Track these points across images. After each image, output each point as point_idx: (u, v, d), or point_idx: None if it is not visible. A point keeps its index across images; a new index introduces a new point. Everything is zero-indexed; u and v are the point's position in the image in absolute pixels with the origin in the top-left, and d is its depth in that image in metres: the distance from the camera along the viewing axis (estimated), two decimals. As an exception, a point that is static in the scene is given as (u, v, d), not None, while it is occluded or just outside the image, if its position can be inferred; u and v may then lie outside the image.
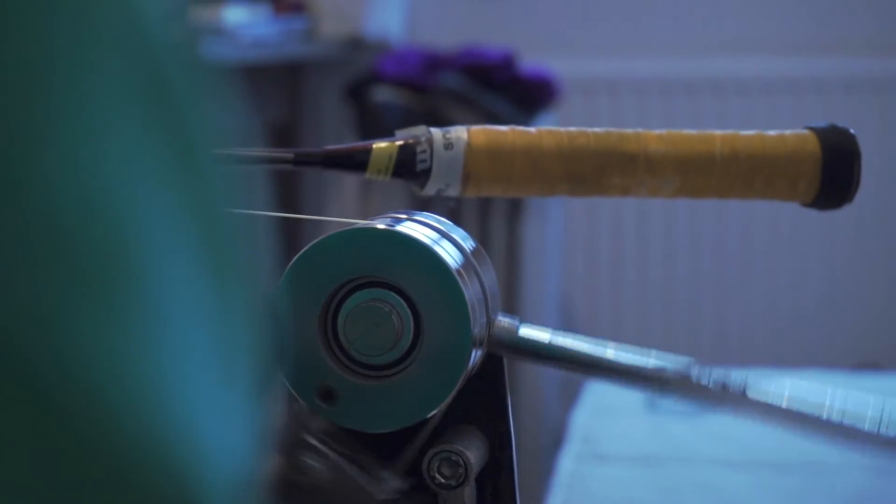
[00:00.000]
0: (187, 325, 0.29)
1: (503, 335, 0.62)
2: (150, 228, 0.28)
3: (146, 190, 0.28)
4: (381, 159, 0.67)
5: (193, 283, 0.29)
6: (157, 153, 0.29)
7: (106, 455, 0.27)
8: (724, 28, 2.85)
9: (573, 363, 0.63)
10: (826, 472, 1.67)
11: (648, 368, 0.63)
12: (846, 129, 0.70)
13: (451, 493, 0.60)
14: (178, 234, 0.29)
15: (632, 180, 0.69)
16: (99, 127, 0.27)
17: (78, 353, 0.27)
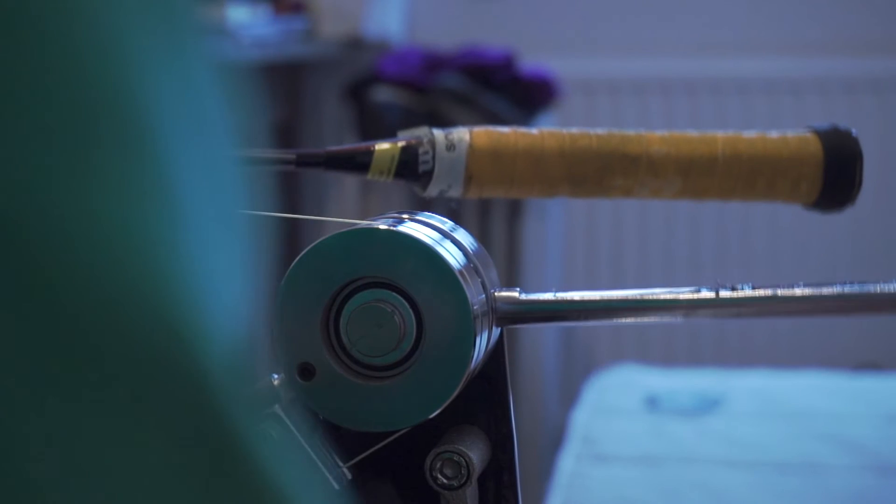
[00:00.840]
0: (188, 181, 0.29)
1: (507, 305, 0.62)
2: (154, 83, 0.29)
3: (153, 57, 0.29)
4: (383, 160, 0.67)
5: (195, 142, 0.30)
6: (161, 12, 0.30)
7: (106, 303, 0.28)
8: (724, 28, 2.85)
9: (584, 313, 0.63)
10: (826, 473, 1.67)
11: (660, 297, 0.62)
12: (848, 131, 0.70)
13: (454, 494, 0.60)
14: (182, 93, 0.30)
15: (634, 181, 0.69)
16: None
17: (79, 206, 0.27)
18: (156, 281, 0.28)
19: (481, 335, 0.59)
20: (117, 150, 0.28)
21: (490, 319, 0.61)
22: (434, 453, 0.60)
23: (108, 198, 0.28)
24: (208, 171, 0.30)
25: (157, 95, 0.29)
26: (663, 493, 1.64)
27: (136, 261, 0.28)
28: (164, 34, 0.30)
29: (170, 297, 0.28)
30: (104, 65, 0.28)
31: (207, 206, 0.30)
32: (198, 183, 0.30)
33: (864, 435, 1.78)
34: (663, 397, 1.93)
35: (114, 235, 0.28)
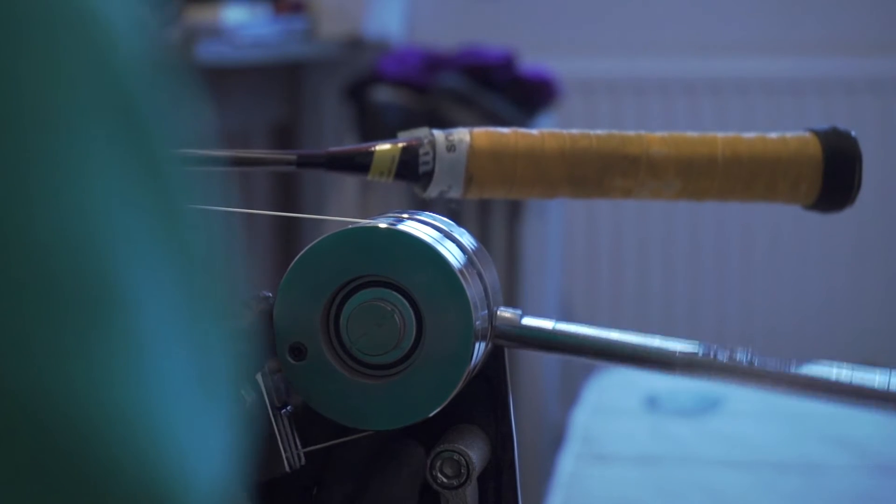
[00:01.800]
0: (165, 347, 0.29)
1: (506, 326, 0.62)
2: (125, 256, 0.28)
3: (120, 219, 0.29)
4: (383, 161, 0.67)
5: (169, 306, 0.29)
6: (127, 176, 0.29)
7: (89, 477, 0.27)
8: (724, 28, 2.85)
9: (578, 349, 0.63)
10: (826, 473, 1.67)
11: (656, 349, 0.62)
12: (847, 132, 0.70)
13: (454, 493, 0.60)
14: (153, 260, 0.29)
15: (634, 182, 0.69)
16: (71, 157, 0.28)
17: (58, 379, 0.27)
18: (137, 452, 0.28)
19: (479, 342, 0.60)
20: (86, 318, 0.28)
21: (489, 334, 0.61)
22: (434, 453, 0.60)
23: (81, 370, 0.27)
24: (192, 332, 0.30)
25: (139, 253, 0.29)
26: (663, 493, 1.64)
27: (117, 432, 0.28)
28: (145, 188, 0.29)
29: (152, 469, 0.28)
30: (78, 224, 0.28)
31: (184, 368, 0.30)
32: (181, 345, 0.30)
33: (864, 435, 1.78)
34: (663, 397, 1.93)
35: (91, 407, 0.27)
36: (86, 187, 0.28)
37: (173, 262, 0.30)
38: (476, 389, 0.63)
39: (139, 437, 0.28)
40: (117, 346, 0.28)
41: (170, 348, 0.29)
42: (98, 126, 0.28)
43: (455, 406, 0.60)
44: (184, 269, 0.30)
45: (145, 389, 0.28)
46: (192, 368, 0.30)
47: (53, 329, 0.27)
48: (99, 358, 0.27)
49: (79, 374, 0.27)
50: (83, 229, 0.28)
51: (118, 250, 0.28)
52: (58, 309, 0.27)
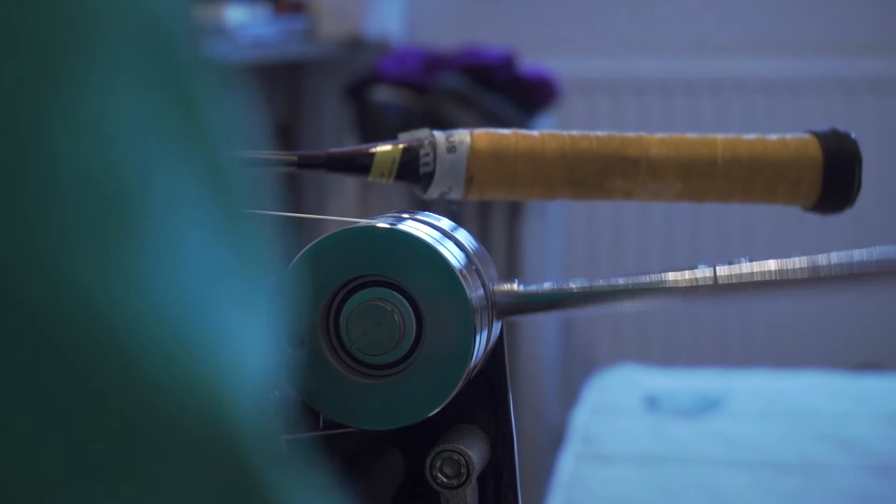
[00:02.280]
0: (197, 244, 0.29)
1: (506, 297, 0.62)
2: (153, 160, 0.29)
3: (151, 134, 0.29)
4: (384, 162, 0.67)
5: (200, 206, 0.30)
6: (160, 103, 0.29)
7: (129, 384, 0.27)
8: (725, 28, 2.85)
9: (582, 299, 0.63)
10: (826, 473, 1.67)
11: (657, 280, 0.62)
12: (847, 134, 0.70)
13: (454, 493, 0.60)
14: (181, 162, 0.30)
15: (634, 184, 0.69)
16: (106, 83, 0.28)
17: (88, 288, 0.27)
18: (180, 345, 0.28)
19: (481, 333, 0.59)
20: (130, 223, 0.28)
21: (490, 313, 0.61)
22: (434, 452, 0.60)
23: (122, 265, 0.28)
24: (225, 235, 0.30)
25: (169, 164, 0.29)
26: (663, 493, 1.64)
27: (159, 325, 0.28)
28: (172, 102, 0.30)
29: (195, 360, 0.28)
30: (110, 140, 0.28)
31: (226, 269, 0.30)
32: (215, 247, 0.30)
33: (864, 435, 1.78)
34: (663, 397, 1.93)
35: (132, 300, 0.28)
36: (118, 110, 0.28)
37: (203, 164, 0.30)
38: (476, 389, 0.63)
39: (175, 335, 0.28)
40: (147, 245, 0.28)
41: (201, 241, 0.30)
42: (133, 56, 0.29)
43: (455, 406, 0.60)
44: (214, 170, 0.30)
45: (178, 284, 0.28)
46: (227, 261, 0.30)
47: (89, 237, 0.27)
48: (128, 256, 0.28)
49: (106, 276, 0.27)
50: (115, 142, 0.28)
51: (146, 153, 0.29)
52: (90, 216, 0.27)
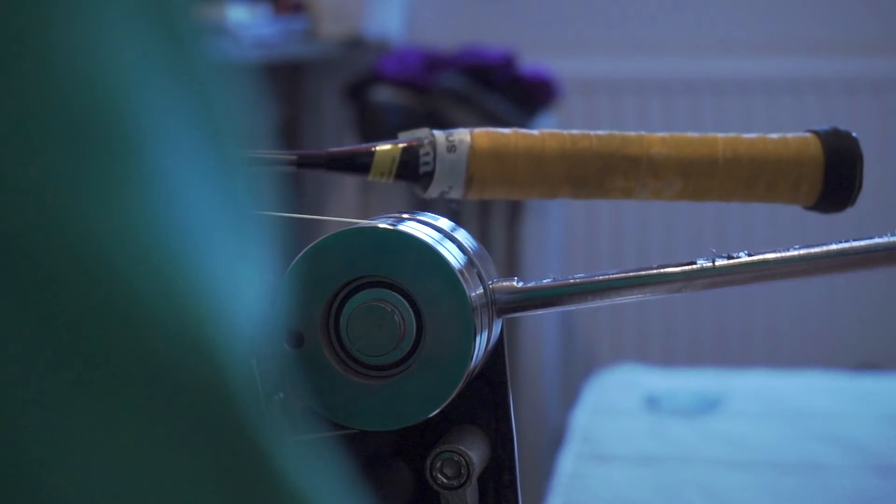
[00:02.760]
0: (190, 182, 0.29)
1: (506, 294, 0.62)
2: (147, 94, 0.29)
3: (146, 66, 0.29)
4: (384, 162, 0.67)
5: (202, 142, 0.30)
6: (155, 39, 0.29)
7: (119, 318, 0.27)
8: (725, 28, 2.85)
9: (582, 294, 0.63)
10: (826, 473, 1.67)
11: (656, 271, 0.62)
12: (848, 133, 0.70)
13: (454, 494, 0.60)
14: (175, 98, 0.30)
15: (634, 183, 0.69)
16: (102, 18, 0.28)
17: (82, 219, 0.27)
18: (172, 288, 0.28)
19: (481, 334, 0.59)
20: (122, 158, 0.28)
21: (490, 312, 0.61)
22: (434, 453, 0.60)
23: (115, 205, 0.28)
24: (218, 173, 0.30)
25: (161, 99, 0.29)
26: (663, 493, 1.64)
27: (151, 268, 0.28)
28: (163, 36, 0.30)
29: (187, 303, 0.28)
30: (103, 74, 0.28)
31: (219, 208, 0.30)
32: (207, 185, 0.30)
33: (864, 435, 1.78)
34: (663, 397, 1.93)
35: (125, 243, 0.28)
36: (112, 36, 0.28)
37: (196, 102, 0.30)
38: (476, 390, 0.63)
39: (168, 272, 0.28)
40: (141, 180, 0.28)
41: (194, 179, 0.30)
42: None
43: (455, 406, 0.60)
44: (207, 112, 0.30)
45: (171, 221, 0.28)
46: (219, 201, 0.30)
47: (82, 169, 0.27)
48: (121, 191, 0.28)
49: (108, 205, 0.28)
50: (109, 71, 0.28)
51: (150, 80, 0.29)
52: (78, 143, 0.27)
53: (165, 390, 0.28)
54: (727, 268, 0.62)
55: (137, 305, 0.28)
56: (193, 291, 0.28)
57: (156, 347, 0.28)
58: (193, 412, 0.28)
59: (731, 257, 0.62)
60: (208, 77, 0.31)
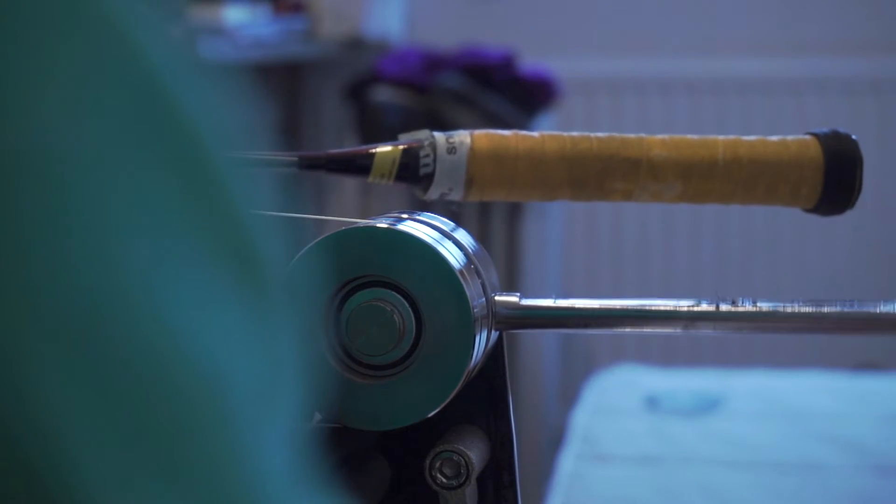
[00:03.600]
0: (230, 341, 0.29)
1: (507, 310, 0.62)
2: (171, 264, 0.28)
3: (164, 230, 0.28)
4: (384, 163, 0.67)
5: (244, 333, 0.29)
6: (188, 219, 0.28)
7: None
8: (724, 28, 2.85)
9: (583, 320, 0.63)
10: (826, 473, 1.67)
11: (660, 307, 0.62)
12: (848, 135, 0.70)
13: (453, 493, 0.60)
14: (202, 257, 0.28)
15: (634, 185, 0.69)
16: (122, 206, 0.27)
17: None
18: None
19: (480, 335, 0.59)
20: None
21: (489, 323, 0.61)
22: (433, 453, 0.60)
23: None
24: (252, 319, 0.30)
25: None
26: (663, 493, 1.64)
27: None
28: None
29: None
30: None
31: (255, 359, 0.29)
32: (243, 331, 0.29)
33: (864, 435, 1.78)
34: (663, 397, 1.93)
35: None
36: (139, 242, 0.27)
37: (229, 267, 0.29)
38: (476, 389, 0.63)
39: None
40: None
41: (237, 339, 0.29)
42: (145, 153, 0.27)
43: (455, 406, 0.60)
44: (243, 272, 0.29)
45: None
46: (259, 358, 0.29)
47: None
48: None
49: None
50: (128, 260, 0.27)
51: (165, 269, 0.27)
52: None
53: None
54: (730, 315, 0.63)
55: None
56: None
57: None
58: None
59: (735, 304, 0.63)
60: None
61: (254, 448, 0.28)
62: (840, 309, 0.63)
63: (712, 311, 0.62)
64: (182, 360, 0.27)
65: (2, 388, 0.25)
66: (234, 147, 0.30)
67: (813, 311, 0.63)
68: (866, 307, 0.63)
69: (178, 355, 0.27)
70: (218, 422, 0.27)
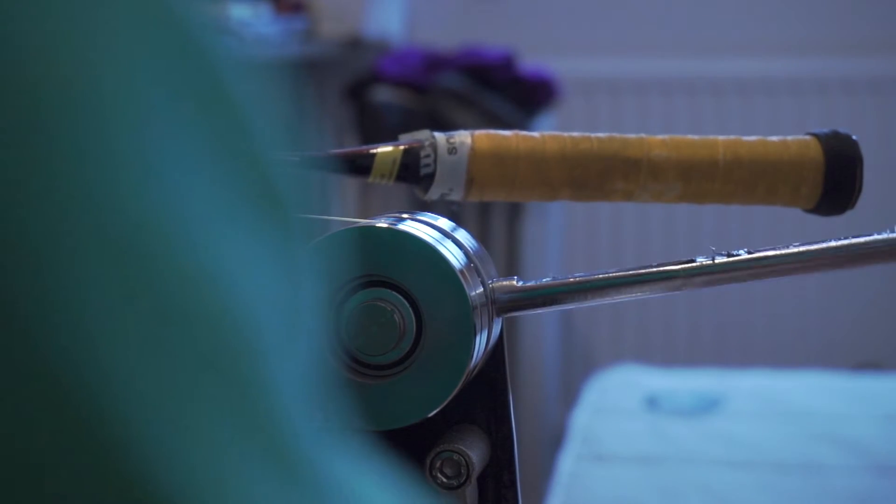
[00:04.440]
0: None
1: (506, 294, 0.62)
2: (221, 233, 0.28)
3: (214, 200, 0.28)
4: (384, 164, 0.67)
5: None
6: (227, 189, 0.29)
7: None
8: (724, 28, 2.85)
9: (582, 292, 0.63)
10: (826, 473, 1.67)
11: (657, 268, 0.62)
12: (848, 135, 0.70)
13: (453, 493, 0.60)
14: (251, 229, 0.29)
15: (635, 186, 0.69)
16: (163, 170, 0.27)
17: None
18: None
19: (481, 333, 0.59)
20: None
21: (489, 311, 0.61)
22: (434, 452, 0.60)
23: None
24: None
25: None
26: (663, 493, 1.64)
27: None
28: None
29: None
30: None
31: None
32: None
33: (864, 435, 1.78)
34: (663, 397, 1.93)
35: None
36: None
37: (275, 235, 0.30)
38: (476, 389, 0.63)
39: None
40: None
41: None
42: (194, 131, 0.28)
43: (455, 406, 0.60)
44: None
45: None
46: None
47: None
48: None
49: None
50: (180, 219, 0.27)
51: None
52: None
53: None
54: (727, 265, 0.62)
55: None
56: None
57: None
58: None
59: (731, 255, 0.62)
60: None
61: (285, 384, 0.29)
62: (835, 243, 0.63)
63: (709, 265, 0.62)
64: (217, 294, 0.27)
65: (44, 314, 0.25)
66: (274, 127, 0.31)
67: (808, 249, 0.63)
68: (861, 238, 0.63)
69: (213, 290, 0.27)
70: (252, 358, 0.28)
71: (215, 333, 0.27)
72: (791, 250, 0.63)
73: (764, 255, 0.62)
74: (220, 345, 0.27)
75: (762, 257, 0.62)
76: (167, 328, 0.27)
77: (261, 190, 0.30)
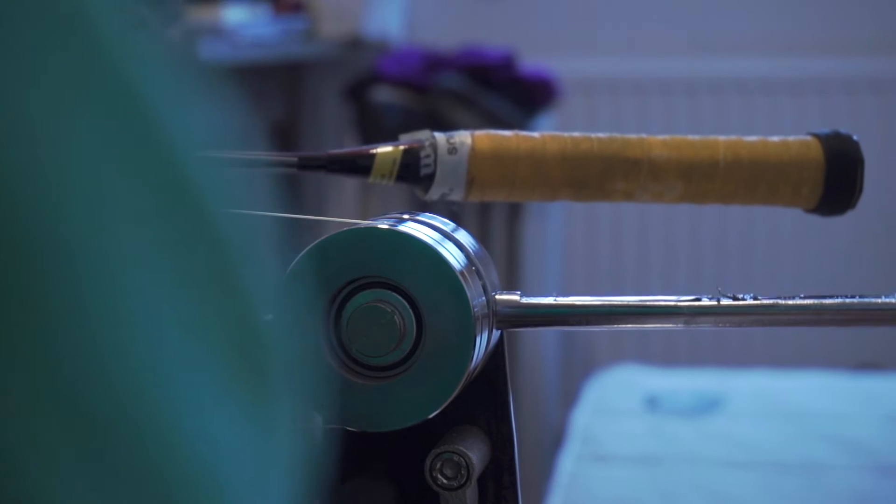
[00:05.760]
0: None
1: (507, 308, 0.62)
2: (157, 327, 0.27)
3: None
4: (385, 164, 0.67)
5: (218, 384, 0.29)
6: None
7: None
8: (724, 28, 2.85)
9: (584, 317, 0.63)
10: (826, 473, 1.67)
11: (661, 303, 0.62)
12: (849, 136, 0.70)
13: (453, 494, 0.60)
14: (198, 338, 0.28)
15: (635, 186, 0.69)
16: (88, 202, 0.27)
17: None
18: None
19: (481, 336, 0.59)
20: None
21: (490, 322, 0.61)
22: (434, 453, 0.60)
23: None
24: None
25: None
26: (663, 493, 1.64)
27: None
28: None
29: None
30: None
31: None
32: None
33: (864, 435, 1.78)
34: (663, 397, 1.93)
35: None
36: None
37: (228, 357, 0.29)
38: (476, 390, 0.63)
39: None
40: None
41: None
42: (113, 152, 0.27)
43: (455, 407, 0.60)
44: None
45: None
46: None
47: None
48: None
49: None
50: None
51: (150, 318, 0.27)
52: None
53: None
54: (731, 308, 0.62)
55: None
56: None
57: None
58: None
59: (737, 298, 0.63)
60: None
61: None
62: (840, 300, 0.63)
63: (713, 306, 0.62)
64: (180, 447, 0.27)
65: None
66: (214, 156, 0.30)
67: (813, 303, 0.63)
68: (867, 299, 0.63)
69: (176, 442, 0.27)
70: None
71: (180, 485, 0.27)
72: (797, 302, 0.63)
73: (769, 304, 0.63)
74: (185, 496, 0.27)
75: (767, 305, 0.63)
76: (123, 487, 0.26)
77: (236, 341, 0.29)
